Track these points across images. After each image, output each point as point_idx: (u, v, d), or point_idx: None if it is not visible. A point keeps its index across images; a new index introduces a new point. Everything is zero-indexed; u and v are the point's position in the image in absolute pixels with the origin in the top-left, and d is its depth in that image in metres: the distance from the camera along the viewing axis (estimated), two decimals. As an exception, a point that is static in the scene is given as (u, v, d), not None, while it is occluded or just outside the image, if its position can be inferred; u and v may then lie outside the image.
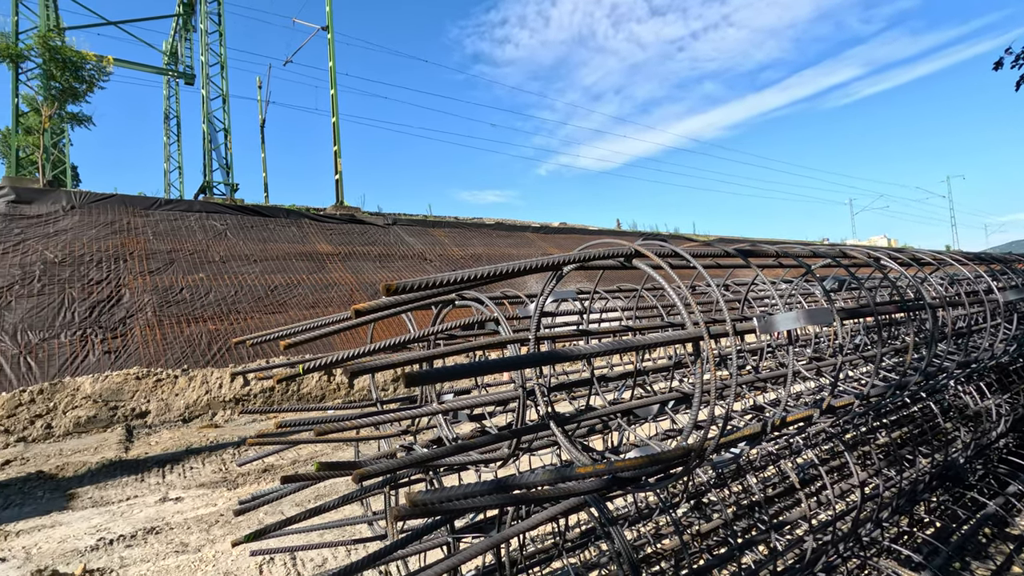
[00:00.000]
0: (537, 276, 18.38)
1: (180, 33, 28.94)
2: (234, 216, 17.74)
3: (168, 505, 5.32)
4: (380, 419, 1.93)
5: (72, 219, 14.69)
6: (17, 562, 4.17)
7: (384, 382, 11.37)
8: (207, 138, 22.55)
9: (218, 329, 12.87)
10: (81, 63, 18.74)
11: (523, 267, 1.32)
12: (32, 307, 11.71)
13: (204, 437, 8.52)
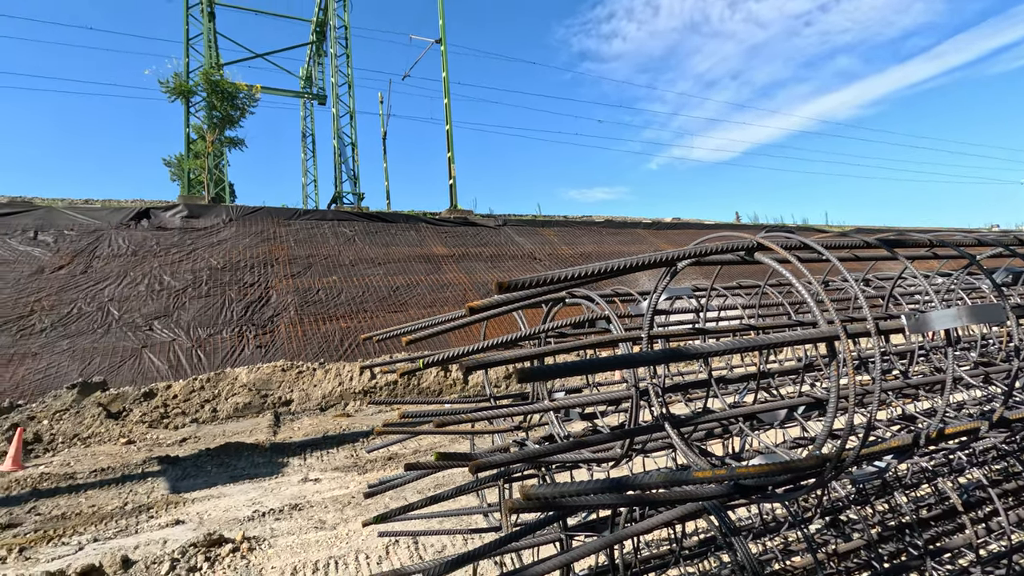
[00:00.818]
0: (649, 273, 17.80)
1: (314, 59, 31.97)
2: (361, 223, 19.24)
3: (308, 485, 5.90)
4: (493, 414, 1.99)
5: (230, 230, 16.83)
6: (192, 525, 4.87)
7: (497, 379, 11.68)
8: (337, 152, 24.69)
9: (348, 326, 14.03)
10: (235, 93, 21.42)
11: (634, 263, 1.29)
12: (201, 307, 13.60)
13: (338, 425, 9.34)
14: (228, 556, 4.08)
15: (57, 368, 11.14)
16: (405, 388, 11.50)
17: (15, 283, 12.90)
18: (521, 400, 3.15)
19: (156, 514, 5.20)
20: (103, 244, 14.83)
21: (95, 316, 12.60)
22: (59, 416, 9.29)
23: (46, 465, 7.63)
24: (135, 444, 8.69)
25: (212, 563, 3.99)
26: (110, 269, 14.04)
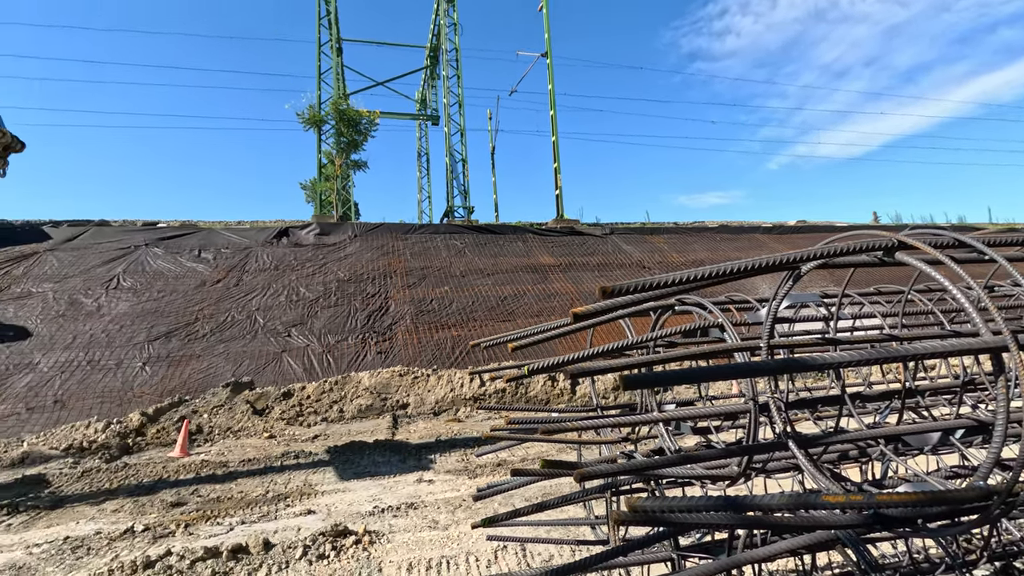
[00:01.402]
0: (769, 279, 16.54)
1: (427, 82, 33.92)
2: (471, 235, 19.98)
3: (423, 486, 6.19)
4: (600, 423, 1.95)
5: (355, 245, 18.27)
6: (321, 516, 5.31)
7: (604, 389, 11.47)
8: (449, 169, 25.92)
9: (459, 335, 14.58)
10: (359, 119, 23.34)
11: (750, 266, 1.20)
12: (330, 315, 14.88)
13: (449, 429, 9.71)
14: (352, 547, 4.39)
15: (215, 369, 12.75)
16: (513, 396, 11.68)
17: (184, 294, 15.02)
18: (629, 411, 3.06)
19: (291, 503, 5.73)
20: (251, 260, 16.79)
21: (244, 323, 14.27)
22: (216, 411, 10.61)
23: (205, 453, 8.74)
24: (275, 439, 9.67)
25: (338, 552, 4.31)
26: (256, 282, 15.85)
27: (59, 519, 5.64)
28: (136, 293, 14.89)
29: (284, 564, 4.14)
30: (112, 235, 17.22)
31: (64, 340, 13.06)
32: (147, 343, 13.26)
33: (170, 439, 9.66)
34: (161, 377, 12.38)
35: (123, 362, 12.66)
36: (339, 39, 26.79)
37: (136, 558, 4.12)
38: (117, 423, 9.97)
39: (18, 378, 11.84)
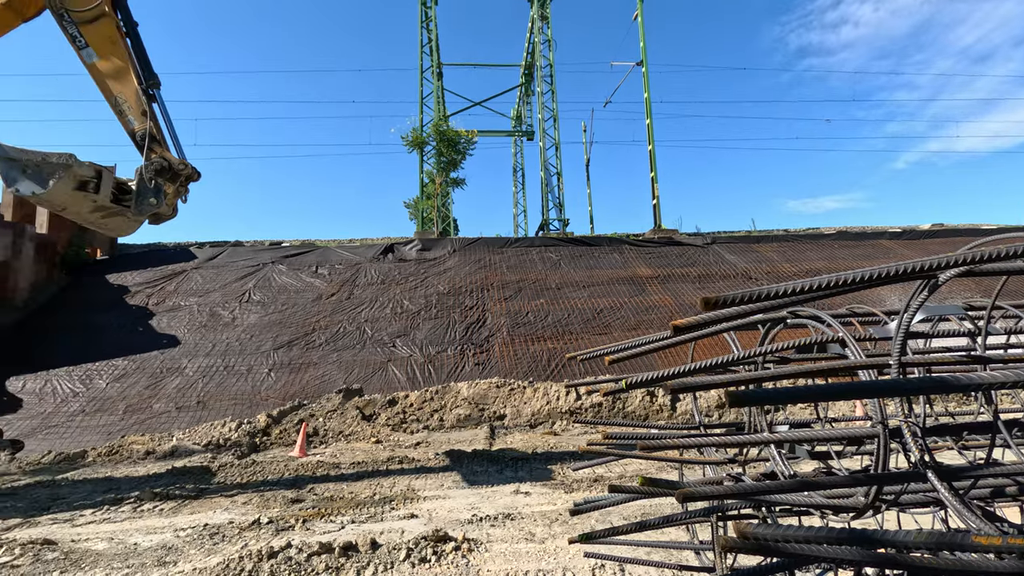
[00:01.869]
0: (899, 289, 14.88)
1: (522, 99, 34.64)
2: (566, 247, 19.98)
3: (520, 497, 6.22)
4: (704, 442, 1.85)
5: (453, 260, 18.97)
6: (423, 520, 5.50)
7: (708, 407, 10.89)
8: (544, 182, 26.19)
9: (555, 347, 14.57)
10: (458, 139, 24.33)
11: (877, 275, 1.09)
12: (431, 327, 15.52)
13: (545, 442, 9.69)
14: (451, 553, 4.50)
15: (329, 376, 13.76)
16: (610, 410, 11.44)
17: (303, 307, 16.41)
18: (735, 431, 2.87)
19: (396, 506, 6.00)
20: (361, 275, 18.00)
21: (354, 334, 15.29)
22: (330, 415, 11.42)
23: (320, 455, 9.42)
24: (382, 444, 10.21)
25: (439, 557, 4.44)
26: (365, 295, 16.95)
27: (200, 508, 6.33)
28: (264, 306, 16.50)
29: (389, 564, 4.34)
30: (245, 254, 19.27)
31: (205, 348, 14.75)
32: (272, 351, 14.62)
33: (291, 440, 10.53)
34: (283, 382, 13.57)
35: (252, 368, 14.04)
36: (439, 64, 28.22)
37: (262, 548, 4.52)
38: (247, 423, 11.06)
39: (170, 380, 13.54)
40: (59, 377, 13.54)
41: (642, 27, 24.82)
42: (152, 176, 6.63)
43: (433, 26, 27.20)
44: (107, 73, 6.61)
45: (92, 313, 16.06)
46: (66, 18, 6.42)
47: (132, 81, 6.67)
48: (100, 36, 6.54)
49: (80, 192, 6.42)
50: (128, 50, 6.71)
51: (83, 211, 6.68)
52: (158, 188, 6.67)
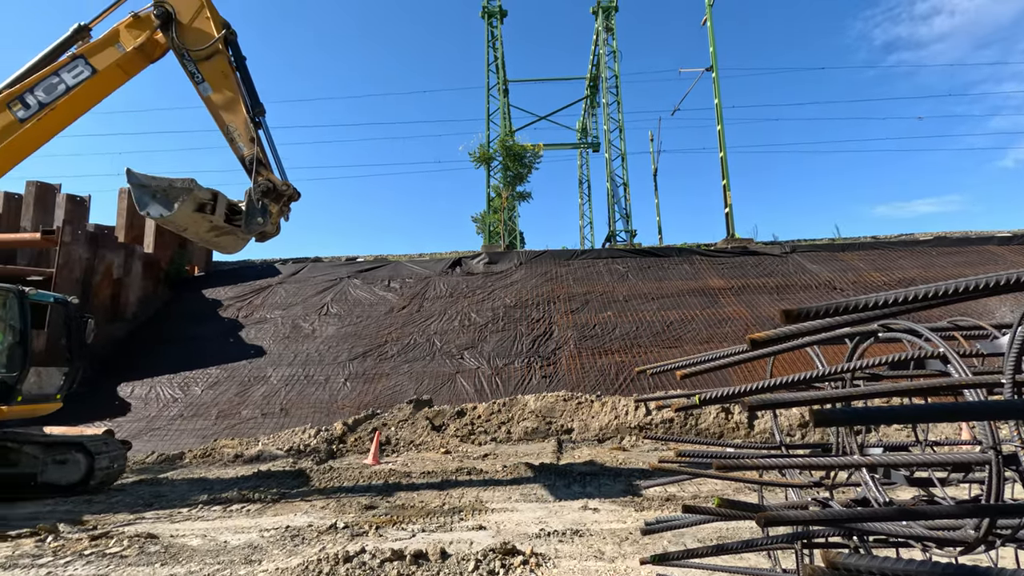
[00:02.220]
0: (1012, 299, 13.47)
1: (588, 111, 34.57)
2: (634, 259, 19.62)
3: (588, 513, 6.10)
4: (786, 463, 1.75)
5: (520, 273, 19.10)
6: (491, 532, 5.52)
7: (789, 426, 10.27)
8: (610, 193, 25.92)
9: (623, 361, 14.28)
10: (523, 153, 24.61)
11: (984, 284, 0.99)
12: (498, 340, 15.66)
13: (614, 458, 9.48)
14: (519, 567, 4.48)
15: (400, 386, 14.18)
16: (681, 427, 11.03)
17: (376, 320, 17.05)
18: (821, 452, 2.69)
19: (464, 517, 6.06)
20: (430, 288, 18.50)
21: (424, 346, 15.70)
22: (401, 425, 11.75)
23: (392, 463, 9.69)
24: (451, 454, 10.37)
25: (507, 571, 4.43)
26: (434, 308, 17.39)
27: (282, 510, 6.68)
28: (340, 318, 17.30)
29: (458, 575, 4.38)
30: (323, 269, 20.33)
31: (288, 358, 15.64)
32: (348, 362, 15.27)
33: (365, 448, 10.92)
34: (358, 392, 14.13)
35: (330, 378, 14.72)
36: (505, 81, 28.75)
37: (338, 552, 4.69)
38: (325, 430, 11.58)
39: (256, 388, 14.45)
40: (161, 384, 14.80)
41: (711, 32, 24.18)
42: (259, 197, 7.11)
43: (499, 45, 27.80)
44: (220, 104, 7.22)
45: (190, 325, 17.47)
46: (186, 56, 7.12)
47: (242, 111, 7.22)
48: (214, 71, 7.19)
49: (199, 213, 7.01)
50: (238, 82, 7.30)
51: (200, 231, 7.28)
52: (264, 208, 7.14)
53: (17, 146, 6.86)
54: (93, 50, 7.07)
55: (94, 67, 7.02)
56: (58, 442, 7.90)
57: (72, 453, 7.78)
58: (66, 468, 7.73)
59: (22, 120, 6.79)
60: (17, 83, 6.91)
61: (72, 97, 6.94)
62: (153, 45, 7.26)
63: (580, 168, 38.87)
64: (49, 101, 6.86)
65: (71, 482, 7.70)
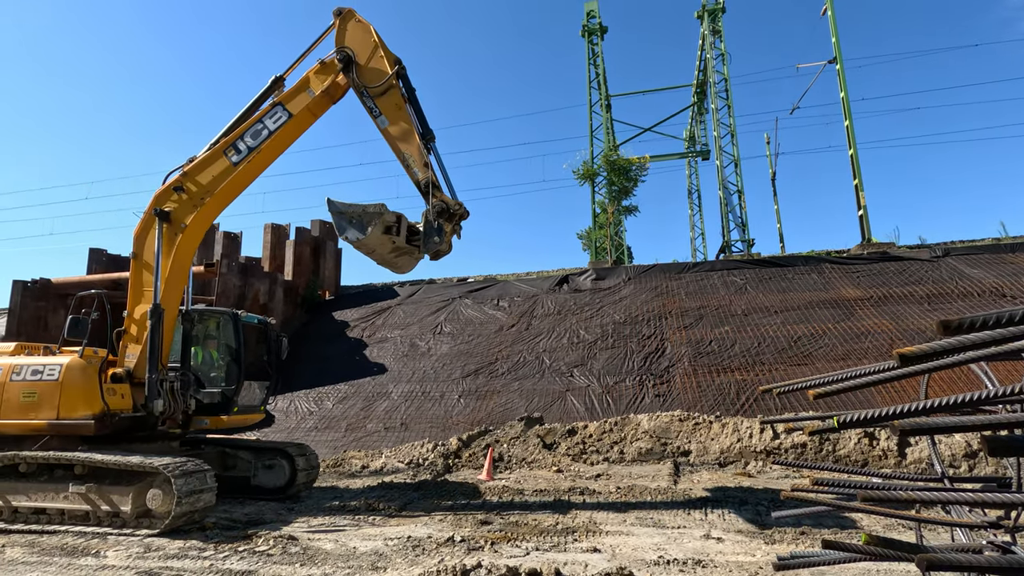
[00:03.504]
0: None
1: (695, 118, 33.31)
2: (752, 270, 18.37)
3: (711, 543, 5.72)
4: (952, 498, 1.51)
5: (629, 288, 18.66)
6: (606, 556, 5.36)
7: (952, 455, 8.92)
8: (723, 202, 24.60)
9: (744, 379, 13.33)
10: (628, 167, 24.21)
11: None
12: (608, 357, 15.36)
13: (738, 484, 8.82)
14: (637, 595, 4.29)
15: (511, 404, 14.38)
16: (816, 452, 10.02)
17: (487, 338, 17.53)
18: (998, 487, 2.30)
19: (578, 538, 5.96)
20: (538, 306, 18.68)
21: (533, 363, 15.82)
22: (513, 442, 11.89)
23: (505, 480, 9.81)
24: (562, 473, 10.28)
25: (624, 597, 4.27)
26: (543, 326, 17.51)
27: (403, 521, 7.02)
28: (453, 337, 18.02)
29: (574, 598, 4.29)
30: (437, 290, 21.36)
31: (407, 375, 16.55)
32: (461, 379, 15.81)
33: (478, 463, 11.18)
34: (471, 408, 14.55)
35: (444, 394, 15.33)
36: (607, 96, 28.63)
37: (456, 564, 4.82)
38: (441, 445, 12.04)
39: (379, 403, 15.43)
40: (299, 398, 16.33)
41: (833, 21, 22.29)
42: (435, 217, 7.49)
43: (600, 61, 27.80)
44: (395, 135, 7.78)
45: (322, 344, 19.16)
46: (365, 94, 7.82)
47: (415, 138, 7.73)
48: (389, 104, 7.80)
49: (386, 235, 7.57)
50: (410, 113, 7.86)
51: (384, 252, 7.81)
52: (440, 228, 7.50)
53: (231, 188, 7.90)
54: (288, 97, 8.01)
55: (290, 112, 7.92)
56: (266, 448, 8.82)
57: (278, 459, 8.57)
58: (273, 472, 8.53)
59: (235, 164, 7.80)
60: (228, 133, 7.99)
61: (273, 140, 7.88)
62: (335, 87, 8.05)
63: (689, 178, 37.40)
64: (256, 145, 7.82)
65: (277, 485, 8.46)
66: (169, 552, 5.67)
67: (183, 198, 7.78)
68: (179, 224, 7.75)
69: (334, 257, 23.45)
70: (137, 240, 7.80)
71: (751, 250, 23.58)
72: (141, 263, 7.74)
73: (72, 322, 7.29)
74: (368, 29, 7.96)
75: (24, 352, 7.95)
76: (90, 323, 7.38)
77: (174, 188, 7.79)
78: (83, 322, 7.33)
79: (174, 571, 5.10)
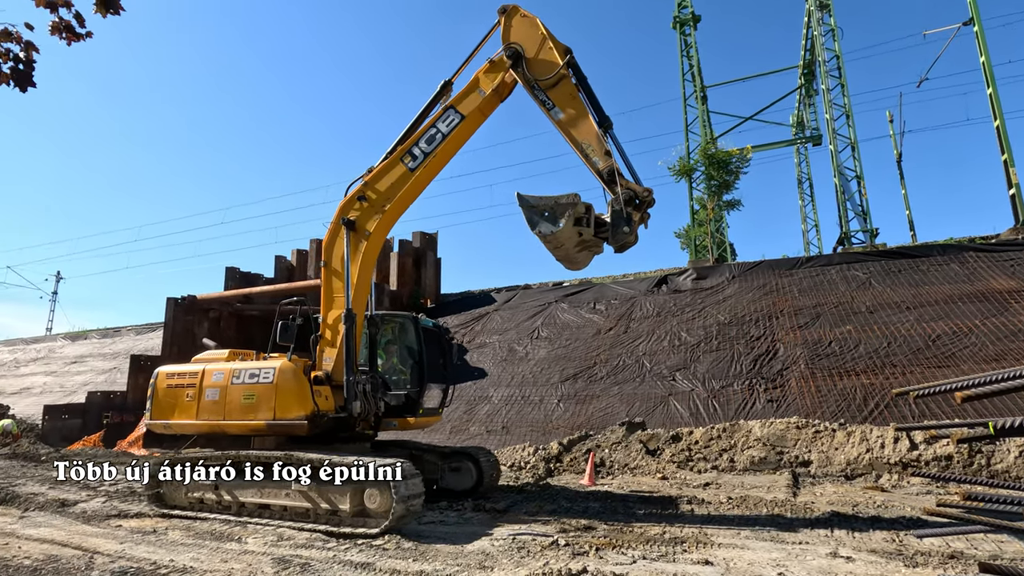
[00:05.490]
0: None
1: (803, 102, 30.91)
2: (877, 262, 16.64)
3: (839, 562, 5.23)
4: None
5: (733, 287, 17.66)
6: (720, 569, 5.08)
7: None
8: (839, 190, 22.55)
9: (872, 383, 12.09)
10: (729, 160, 22.95)
11: None
12: (712, 360, 14.62)
13: (869, 499, 8.00)
14: (756, 612, 4.03)
15: (611, 408, 14.13)
16: (966, 466, 8.83)
17: (584, 342, 17.38)
18: None
19: (688, 549, 5.70)
20: (636, 308, 18.23)
21: (633, 367, 15.44)
22: (614, 447, 11.67)
23: (608, 485, 9.64)
24: (667, 480, 9.92)
25: (741, 614, 4.02)
26: (642, 329, 17.05)
27: (512, 522, 7.13)
28: (550, 341, 18.07)
29: (685, 610, 4.12)
30: (533, 295, 21.56)
31: (506, 379, 16.83)
32: (559, 383, 15.80)
33: (579, 468, 11.09)
34: (570, 413, 14.48)
35: (544, 398, 15.40)
36: (703, 88, 27.40)
37: (561, 568, 4.82)
38: (542, 449, 12.09)
39: (481, 407, 15.83)
40: (406, 401, 17.19)
41: (967, -22, 19.70)
42: (622, 206, 7.04)
43: (694, 52, 26.71)
44: (571, 125, 7.49)
45: (425, 350, 20.04)
46: (535, 87, 7.61)
47: (592, 126, 7.41)
48: (562, 95, 7.55)
49: (575, 228, 7.23)
50: (584, 101, 7.56)
51: (569, 245, 7.45)
52: (629, 217, 7.06)
53: (409, 193, 8.10)
54: (459, 99, 8.05)
55: (462, 113, 7.95)
56: (452, 452, 9.06)
57: (464, 461, 8.64)
58: (459, 475, 8.64)
59: (412, 170, 7.97)
60: (403, 140, 8.15)
61: (447, 143, 7.96)
62: (503, 85, 7.98)
63: (799, 166, 34.73)
64: (431, 150, 7.93)
65: (464, 488, 8.55)
66: (298, 542, 6.19)
67: (365, 206, 8.01)
68: (363, 231, 7.97)
69: (434, 267, 24.47)
70: (326, 250, 8.11)
71: (874, 241, 21.38)
72: (331, 271, 8.02)
73: (282, 327, 7.67)
74: (535, 22, 7.73)
75: (237, 358, 8.37)
76: (296, 329, 7.76)
77: (357, 197, 8.04)
78: (291, 327, 7.70)
79: (302, 559, 5.56)
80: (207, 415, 7.74)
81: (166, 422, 8.11)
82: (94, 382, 25.37)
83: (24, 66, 4.18)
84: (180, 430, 8.12)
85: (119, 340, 31.20)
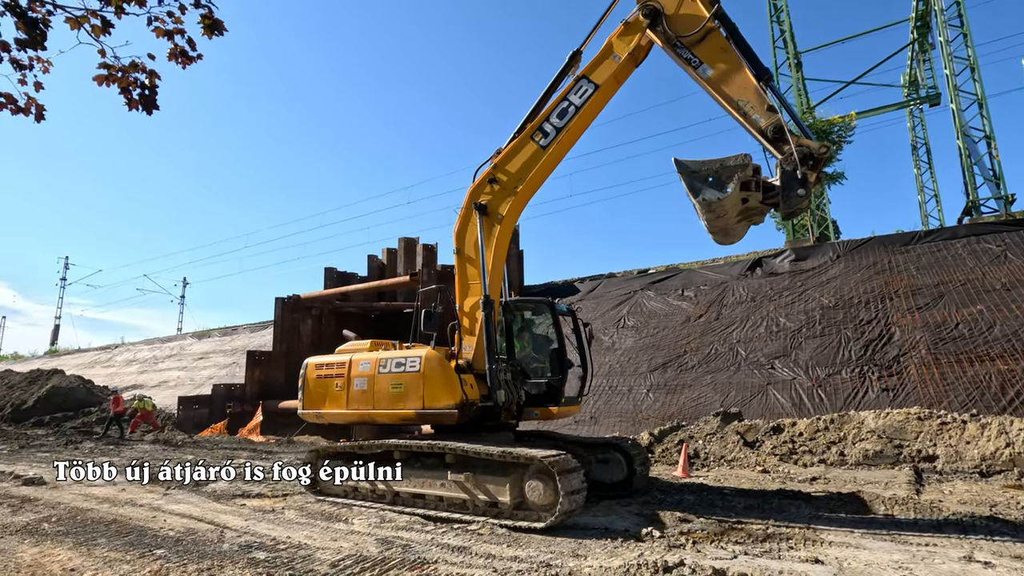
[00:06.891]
0: None
1: (917, 59, 27.76)
2: (1014, 233, 14.66)
3: (975, 567, 4.70)
4: None
5: (838, 267, 16.29)
6: (832, 569, 4.73)
7: None
8: (964, 154, 20.05)
9: (1012, 370, 10.71)
10: (830, 129, 21.11)
11: None
12: (816, 346, 13.61)
13: (1011, 499, 7.11)
14: (876, 617, 3.72)
15: (704, 398, 13.58)
16: None
17: (673, 330, 16.82)
18: None
19: (794, 546, 5.37)
20: (728, 294, 17.34)
21: (727, 355, 14.72)
22: (709, 438, 11.21)
23: (703, 478, 9.29)
24: (769, 474, 9.39)
25: (858, 618, 3.73)
26: (735, 315, 16.20)
27: (600, 512, 7.07)
28: (637, 330, 17.66)
29: (794, 610, 3.88)
30: (617, 284, 21.16)
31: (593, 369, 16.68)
32: (648, 373, 15.42)
33: (672, 459, 10.77)
34: (661, 403, 14.10)
35: (632, 388, 15.11)
36: (796, 54, 25.38)
37: (656, 560, 4.70)
38: (632, 440, 11.87)
39: (567, 397, 15.81)
40: (494, 392, 17.53)
41: None
42: (796, 166, 6.05)
43: (785, 16, 24.80)
44: (723, 82, 6.62)
45: (511, 342, 20.30)
46: (679, 45, 6.81)
47: (750, 79, 6.53)
48: (712, 50, 6.70)
49: (741, 193, 6.19)
50: (736, 53, 6.70)
51: (732, 214, 6.44)
52: (804, 178, 6.09)
53: (541, 171, 7.61)
54: (592, 67, 7.53)
55: (595, 83, 7.44)
56: (598, 443, 8.50)
57: (613, 453, 8.12)
58: (608, 468, 8.09)
59: (544, 147, 7.58)
60: (532, 118, 7.75)
61: (580, 116, 7.50)
62: (639, 49, 7.36)
63: (912, 131, 31.30)
64: (563, 125, 7.49)
65: (615, 480, 8.02)
66: (399, 524, 6.53)
67: (496, 189, 7.73)
68: (496, 215, 7.70)
69: (516, 258, 24.68)
70: (458, 236, 7.88)
71: (1009, 209, 18.82)
72: (464, 258, 7.81)
73: (426, 315, 7.62)
74: None
75: (380, 348, 8.33)
76: (438, 317, 7.75)
77: (488, 180, 7.76)
78: (435, 315, 7.63)
79: (403, 540, 5.85)
80: (357, 404, 7.81)
81: (318, 411, 8.26)
82: (217, 376, 28.18)
83: (149, 91, 4.68)
84: (332, 419, 8.29)
85: (236, 337, 34.37)
